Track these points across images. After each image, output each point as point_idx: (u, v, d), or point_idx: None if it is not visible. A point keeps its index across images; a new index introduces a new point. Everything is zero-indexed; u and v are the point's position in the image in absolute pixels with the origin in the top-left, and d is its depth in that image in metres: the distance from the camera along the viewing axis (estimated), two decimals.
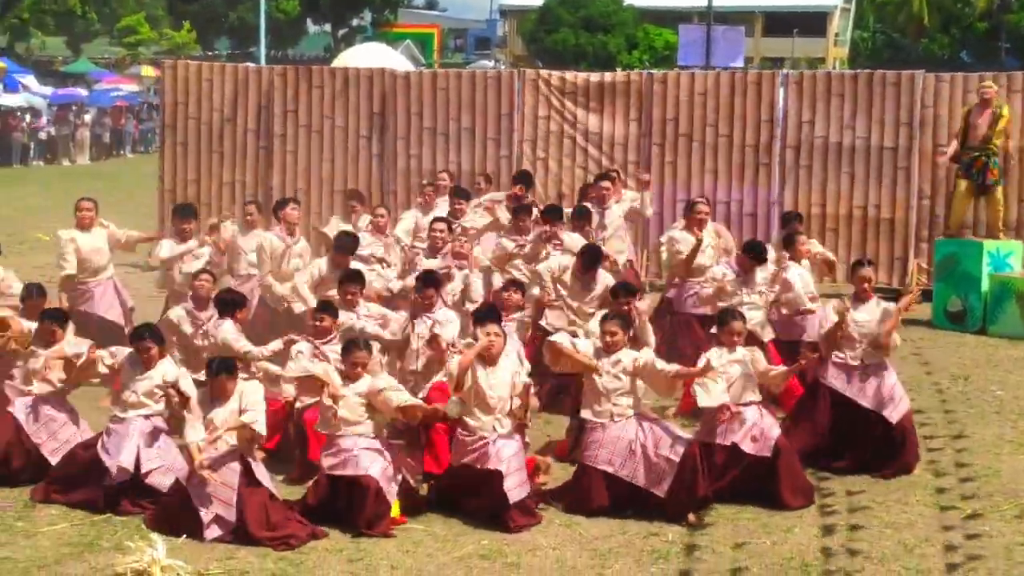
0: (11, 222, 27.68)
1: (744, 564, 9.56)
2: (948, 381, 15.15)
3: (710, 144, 20.96)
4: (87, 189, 17.04)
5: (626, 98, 21.46)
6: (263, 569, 9.31)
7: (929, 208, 20.60)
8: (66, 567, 9.32)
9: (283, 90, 22.45)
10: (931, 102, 20.56)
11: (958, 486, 11.46)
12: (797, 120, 21.00)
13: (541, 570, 9.39)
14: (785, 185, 21.06)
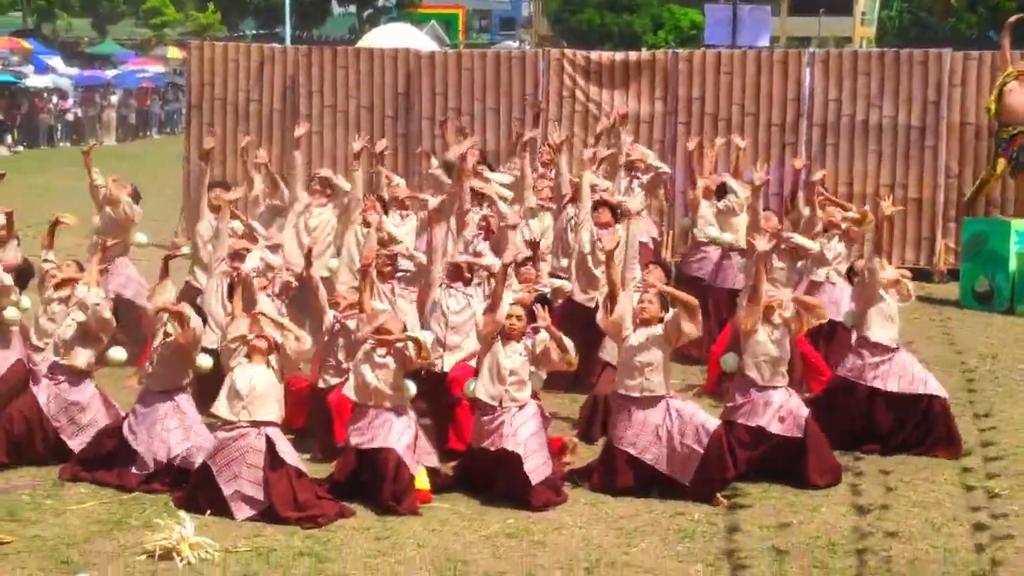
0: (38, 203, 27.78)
1: (772, 543, 9.55)
2: (976, 361, 15.10)
3: (736, 123, 20.86)
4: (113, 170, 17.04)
5: (651, 77, 21.40)
6: (290, 547, 9.34)
7: (956, 187, 20.51)
8: (95, 545, 9.36)
9: (308, 70, 22.45)
10: (958, 80, 20.46)
11: (985, 465, 11.44)
12: (824, 99, 20.91)
13: (567, 548, 9.39)
14: (811, 164, 20.95)
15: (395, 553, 9.27)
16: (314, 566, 8.98)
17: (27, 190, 30.72)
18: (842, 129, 20.84)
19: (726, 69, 21.21)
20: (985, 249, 18.56)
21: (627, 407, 10.68)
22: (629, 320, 10.77)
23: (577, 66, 21.64)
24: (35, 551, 9.23)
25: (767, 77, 21.06)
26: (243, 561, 9.07)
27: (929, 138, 20.53)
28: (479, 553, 9.31)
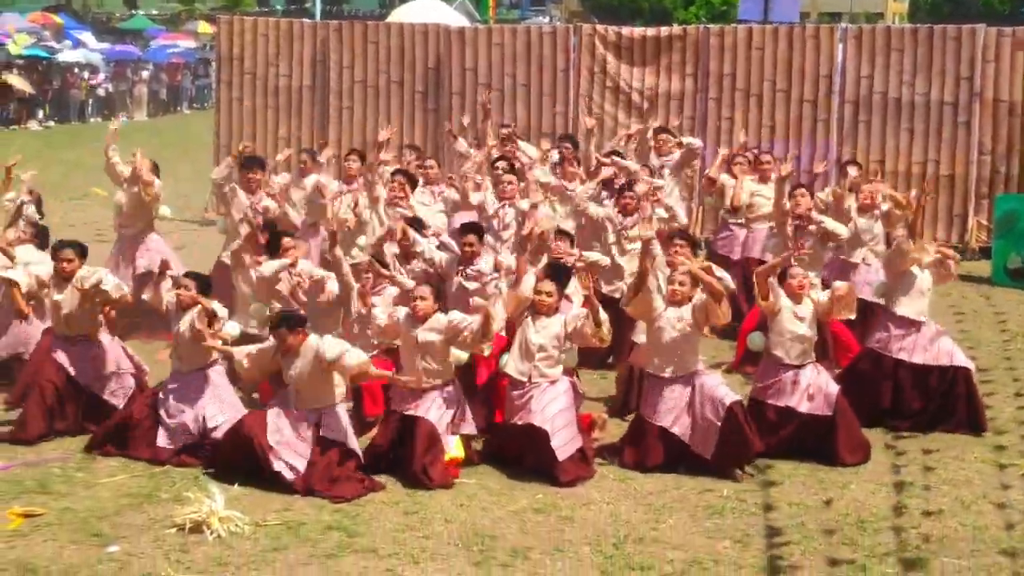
0: (69, 177, 27.91)
1: (800, 520, 9.54)
2: (1008, 338, 15.02)
3: (767, 99, 20.80)
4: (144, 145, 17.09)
5: (682, 53, 21.32)
6: (319, 520, 9.37)
7: (990, 163, 20.40)
8: (126, 518, 9.42)
9: (338, 45, 22.47)
10: (992, 56, 20.33)
11: (1018, 443, 11.40)
12: (856, 75, 20.80)
13: (595, 524, 9.41)
14: (843, 141, 20.89)
15: (423, 528, 9.29)
16: (343, 540, 9.02)
17: (58, 165, 30.87)
18: (874, 105, 20.74)
19: (757, 45, 21.13)
20: (1018, 226, 18.49)
21: (659, 386, 10.68)
22: (659, 301, 10.75)
23: (608, 42, 21.59)
24: (66, 524, 9.29)
25: (799, 53, 20.97)
26: (273, 535, 9.11)
27: (962, 114, 20.42)
28: (507, 528, 9.33)
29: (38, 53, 48.72)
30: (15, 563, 8.54)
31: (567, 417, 10.45)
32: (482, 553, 8.84)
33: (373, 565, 8.60)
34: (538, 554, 8.84)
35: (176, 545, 8.89)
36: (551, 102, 21.33)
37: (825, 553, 8.92)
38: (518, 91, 21.44)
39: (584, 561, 8.74)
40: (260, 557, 8.71)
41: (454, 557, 8.78)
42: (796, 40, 21.09)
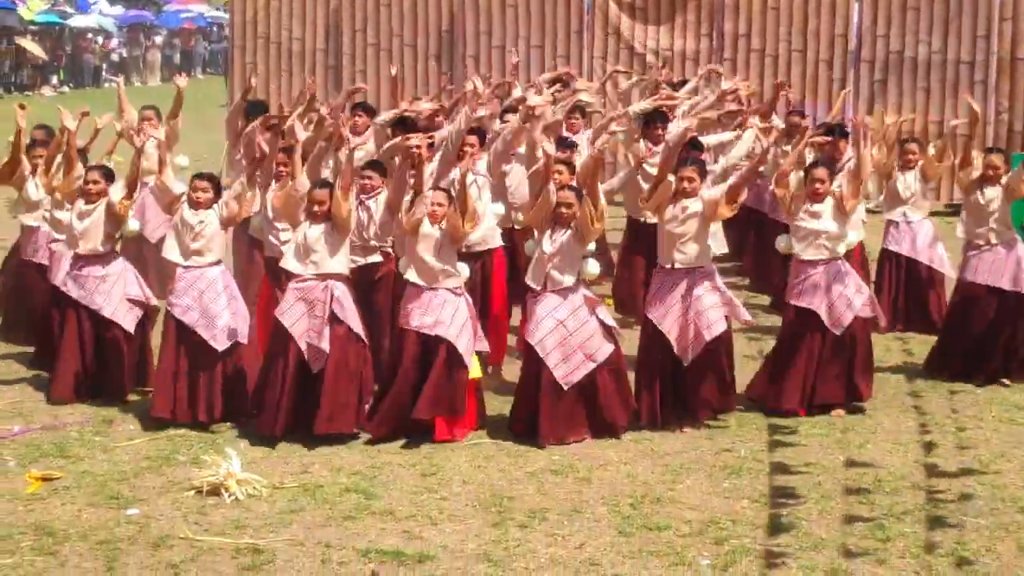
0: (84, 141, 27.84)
1: (817, 480, 9.53)
2: None
3: (783, 59, 20.72)
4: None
5: (697, 13, 21.25)
6: (336, 483, 9.39)
7: (1007, 122, 20.33)
8: (144, 480, 9.44)
9: (351, 9, 22.40)
10: (1009, 14, 20.25)
11: None
12: (872, 35, 20.73)
13: (612, 484, 9.40)
14: (859, 100, 20.80)
15: (441, 489, 9.30)
16: (360, 502, 9.03)
17: None
18: (890, 65, 20.70)
19: (773, 4, 21.06)
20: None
21: (660, 279, 10.73)
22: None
23: (622, 3, 21.50)
24: (84, 487, 9.31)
25: (815, 13, 20.91)
26: (290, 497, 9.12)
27: (979, 73, 20.35)
28: (524, 489, 9.33)
29: (52, 19, 48.70)
30: (34, 526, 8.57)
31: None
32: (500, 514, 8.84)
33: (391, 527, 8.61)
34: (556, 515, 8.84)
35: (194, 507, 8.91)
36: (565, 63, 21.23)
37: (842, 512, 8.91)
38: (532, 53, 21.35)
39: (601, 521, 8.74)
40: (277, 519, 8.73)
41: (472, 518, 8.79)
42: (812, 0, 20.98)
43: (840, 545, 8.36)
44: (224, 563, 8.04)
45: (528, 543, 8.37)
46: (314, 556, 8.13)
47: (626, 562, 8.10)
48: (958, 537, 8.48)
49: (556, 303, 10.35)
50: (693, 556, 8.19)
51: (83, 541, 8.34)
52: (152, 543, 8.32)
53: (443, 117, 13.97)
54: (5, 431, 10.51)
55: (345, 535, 8.47)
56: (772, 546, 8.35)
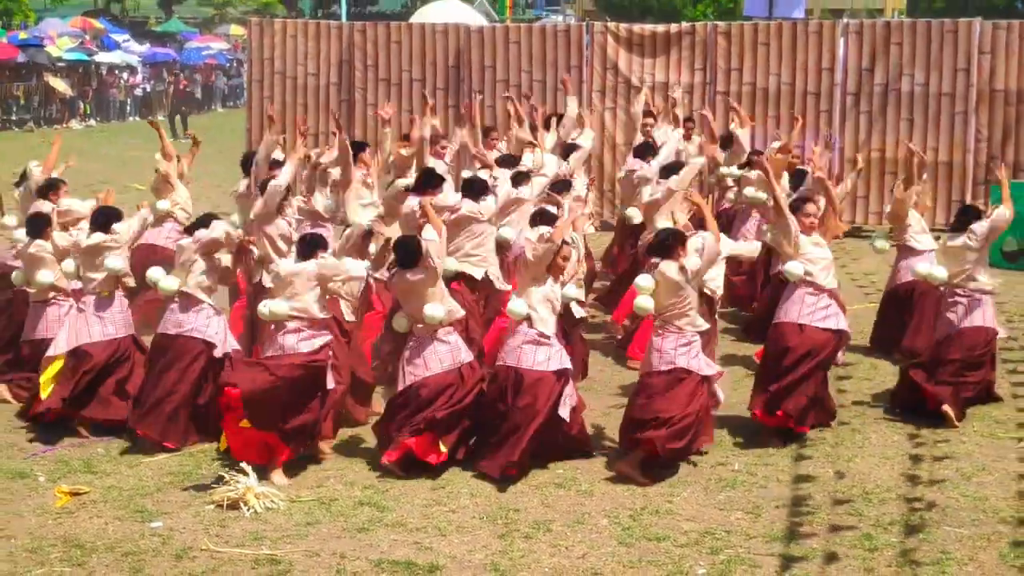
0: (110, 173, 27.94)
1: (808, 491, 9.52)
2: (1006, 318, 14.96)
3: (772, 92, 20.78)
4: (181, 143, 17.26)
5: (691, 49, 21.31)
6: (350, 496, 9.39)
7: (986, 151, 20.38)
8: (167, 495, 9.45)
9: (363, 45, 22.47)
10: (988, 48, 20.31)
11: (1015, 416, 11.36)
12: (857, 68, 20.79)
13: (613, 497, 9.40)
14: (845, 131, 20.86)
15: (450, 502, 9.30)
16: (373, 515, 9.02)
17: (100, 160, 30.98)
18: (875, 97, 20.75)
19: (763, 40, 21.13)
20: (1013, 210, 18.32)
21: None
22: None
23: (620, 39, 21.58)
24: (111, 501, 9.32)
25: (802, 47, 20.98)
26: (306, 510, 9.12)
27: (959, 104, 20.41)
28: (529, 502, 9.33)
29: (79, 56, 48.82)
30: (63, 539, 8.58)
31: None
32: (506, 526, 8.84)
33: (402, 538, 8.61)
34: (559, 526, 8.84)
35: (215, 520, 8.91)
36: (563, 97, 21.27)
37: (832, 523, 8.90)
38: (534, 87, 21.39)
39: (603, 532, 8.73)
40: (294, 531, 8.73)
41: (479, 530, 8.78)
42: (799, 35, 21.10)
43: (829, 554, 8.35)
44: (244, 573, 8.04)
45: (533, 553, 8.37)
46: (329, 567, 8.13)
47: (626, 571, 8.09)
48: (942, 547, 8.47)
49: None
50: (690, 565, 8.18)
51: (110, 552, 8.34)
52: (175, 554, 8.32)
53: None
54: (36, 449, 10.51)
55: (359, 546, 8.46)
56: (765, 555, 8.34)
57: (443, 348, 9.99)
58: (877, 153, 20.71)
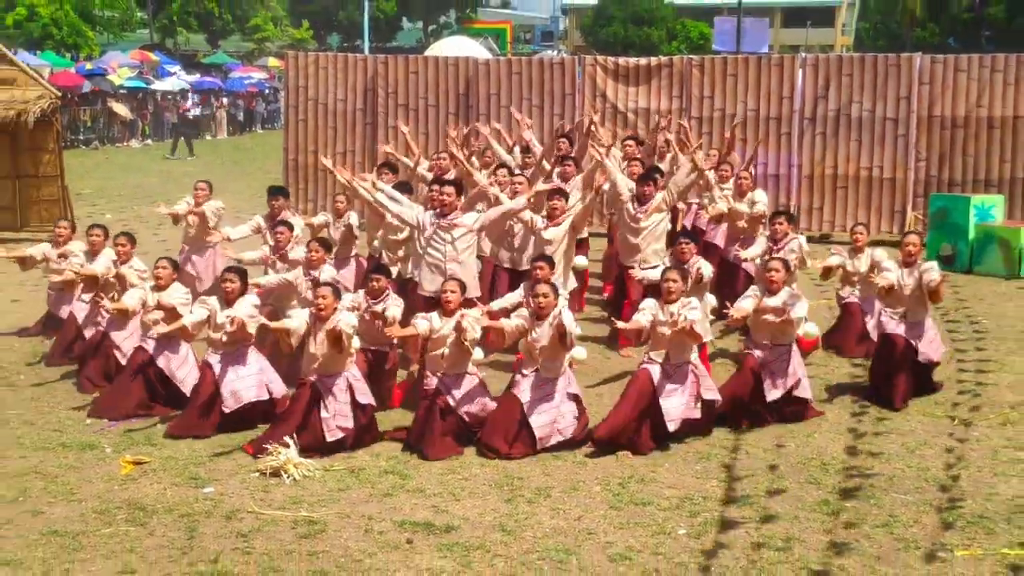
0: (163, 187, 27.96)
1: (774, 462, 9.50)
2: (941, 314, 14.94)
3: (739, 116, 20.74)
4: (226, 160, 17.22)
5: (669, 79, 21.30)
6: (377, 466, 9.37)
7: (925, 169, 20.39)
8: (218, 464, 9.43)
9: (385, 75, 22.43)
10: (927, 79, 20.30)
11: (952, 398, 11.34)
12: (813, 96, 20.77)
13: (604, 467, 9.38)
14: (802, 150, 20.85)
15: (463, 471, 9.28)
16: (397, 482, 9.01)
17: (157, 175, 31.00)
18: (828, 121, 20.73)
19: (731, 72, 21.11)
20: (948, 221, 18.43)
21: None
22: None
23: (607, 70, 21.55)
24: (169, 469, 9.30)
25: (766, 78, 20.95)
26: (338, 478, 9.10)
27: (901, 128, 20.42)
28: (531, 471, 9.31)
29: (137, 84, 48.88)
30: (127, 502, 8.56)
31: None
32: (511, 492, 8.81)
33: (422, 502, 8.59)
34: (558, 492, 8.81)
35: (259, 487, 8.90)
36: (560, 120, 21.27)
37: (794, 490, 8.88)
38: (533, 112, 21.36)
39: (596, 498, 8.71)
40: (328, 496, 8.71)
41: (488, 495, 8.76)
42: (763, 68, 21.08)
43: (793, 518, 8.33)
44: (284, 532, 8.02)
45: (535, 515, 8.34)
46: (359, 527, 8.11)
47: (617, 531, 8.07)
48: (890, 511, 8.45)
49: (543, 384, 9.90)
50: (672, 526, 8.15)
51: (168, 514, 8.33)
52: (225, 516, 8.30)
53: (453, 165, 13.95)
54: (104, 424, 10.49)
55: (384, 509, 8.44)
56: (737, 518, 8.32)
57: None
58: (830, 169, 20.70)
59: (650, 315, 9.99)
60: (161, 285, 11.05)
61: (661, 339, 9.97)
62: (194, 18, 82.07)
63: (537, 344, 9.83)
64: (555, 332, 9.70)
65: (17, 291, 16.32)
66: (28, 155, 20.79)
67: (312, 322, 9.86)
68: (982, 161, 20.17)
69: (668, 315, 9.88)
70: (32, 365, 12.55)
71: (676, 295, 10.04)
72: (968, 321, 14.73)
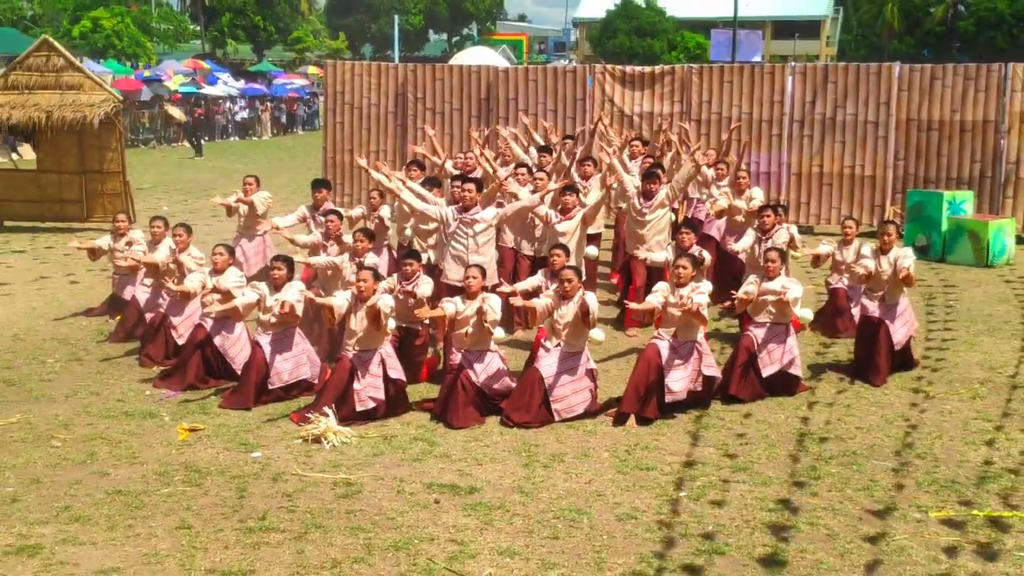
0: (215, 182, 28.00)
1: (767, 432, 9.48)
2: (916, 298, 14.87)
3: (735, 119, 20.63)
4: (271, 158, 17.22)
5: (671, 85, 21.20)
6: (407, 434, 9.38)
7: (903, 167, 20.28)
8: (265, 431, 9.45)
9: (414, 82, 22.41)
10: (905, 87, 20.17)
11: (927, 375, 11.29)
12: (801, 101, 20.65)
13: (612, 436, 9.37)
14: (792, 151, 20.75)
15: (484, 439, 9.28)
16: (425, 448, 9.01)
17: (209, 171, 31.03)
18: (815, 123, 20.62)
19: (728, 79, 21.00)
20: (923, 214, 18.34)
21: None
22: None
23: (615, 77, 21.47)
24: (221, 436, 9.33)
25: (759, 85, 20.84)
26: (373, 444, 9.12)
27: (881, 130, 20.28)
28: (546, 439, 9.30)
29: (190, 89, 48.95)
30: (184, 465, 8.60)
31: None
32: (528, 457, 8.82)
33: (448, 466, 8.60)
34: (570, 458, 8.81)
35: (302, 452, 8.92)
36: (572, 123, 21.24)
37: (785, 456, 8.86)
38: (547, 115, 21.32)
39: (604, 463, 8.70)
40: (364, 460, 8.72)
41: (508, 460, 8.77)
42: (756, 75, 20.96)
43: (783, 481, 8.31)
44: (324, 493, 8.04)
45: (550, 479, 8.35)
46: (391, 488, 8.12)
47: (624, 493, 8.06)
48: (871, 476, 8.43)
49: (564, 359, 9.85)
50: (673, 489, 8.15)
51: (220, 476, 8.36)
52: (271, 477, 8.32)
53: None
54: (163, 395, 10.54)
55: (414, 472, 8.46)
56: (732, 481, 8.31)
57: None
58: (817, 168, 20.59)
59: (661, 297, 10.02)
60: (218, 270, 11.10)
61: (671, 319, 9.97)
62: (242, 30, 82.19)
63: (562, 321, 9.86)
64: (579, 311, 9.72)
65: (82, 275, 16.39)
66: (93, 153, 20.85)
67: (353, 302, 9.92)
68: (955, 160, 20.03)
69: (678, 297, 9.89)
70: (99, 342, 12.60)
71: (686, 280, 10.02)
72: (942, 305, 14.66)
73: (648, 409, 9.75)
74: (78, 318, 13.73)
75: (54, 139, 20.69)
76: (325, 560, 6.90)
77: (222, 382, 10.80)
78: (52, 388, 10.73)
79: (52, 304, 14.51)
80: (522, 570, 6.79)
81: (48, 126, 20.05)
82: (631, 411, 9.67)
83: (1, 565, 6.81)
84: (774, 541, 7.25)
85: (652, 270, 12.35)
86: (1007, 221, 18.22)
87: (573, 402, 9.79)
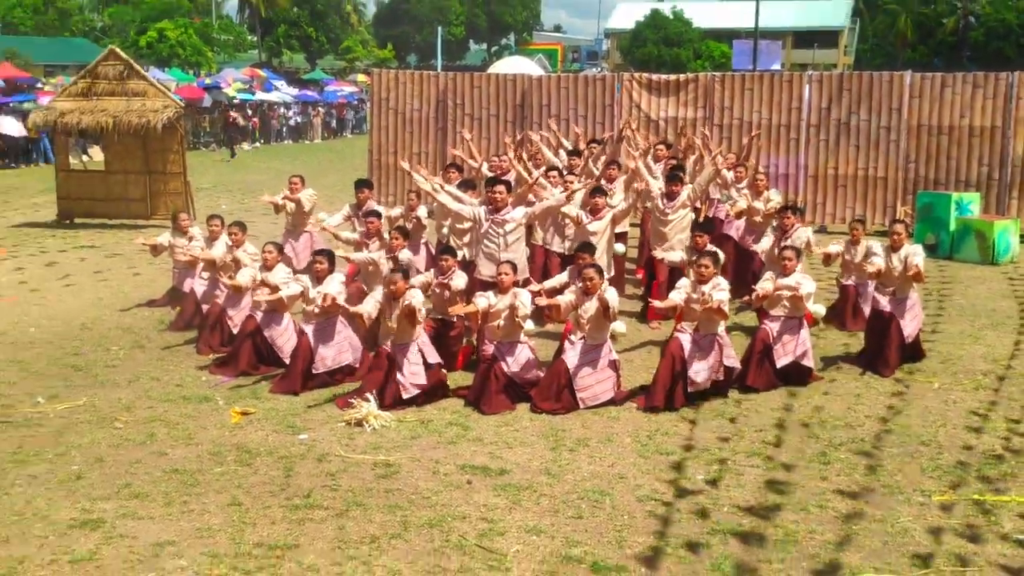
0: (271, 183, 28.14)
1: (781, 420, 9.41)
2: (924, 294, 14.73)
3: (755, 124, 20.52)
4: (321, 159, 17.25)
5: (696, 92, 21.08)
6: (442, 419, 9.39)
7: (914, 169, 20.07)
8: (311, 414, 9.50)
9: (454, 89, 22.41)
10: (916, 94, 19.96)
11: (932, 367, 11.17)
12: (818, 107, 20.48)
13: (634, 422, 9.33)
14: (808, 154, 20.58)
15: (515, 424, 9.28)
16: (459, 432, 9.02)
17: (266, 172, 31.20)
18: (831, 128, 20.43)
19: (748, 86, 20.85)
20: (933, 214, 18.16)
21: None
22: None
23: (642, 84, 21.37)
24: (270, 419, 9.38)
25: (778, 92, 20.67)
26: (410, 427, 9.14)
27: (893, 135, 20.09)
28: (572, 424, 9.29)
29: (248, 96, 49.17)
30: (236, 446, 8.65)
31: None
32: (556, 441, 8.81)
33: (480, 449, 8.60)
34: (595, 442, 8.80)
35: (345, 434, 8.95)
36: (602, 128, 21.16)
37: (796, 444, 8.80)
38: (578, 120, 21.26)
39: (627, 448, 8.68)
40: (402, 443, 8.74)
41: (536, 444, 8.76)
42: (776, 83, 20.79)
43: (794, 466, 8.26)
44: (365, 473, 8.06)
45: (575, 462, 8.33)
46: (427, 469, 8.14)
47: (644, 476, 8.04)
48: (878, 461, 8.36)
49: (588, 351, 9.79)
50: (691, 472, 8.12)
51: (269, 456, 8.41)
52: (317, 458, 8.36)
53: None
54: (218, 381, 10.61)
55: (449, 454, 8.47)
56: (746, 466, 8.26)
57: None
58: (832, 170, 20.42)
59: (684, 293, 9.98)
60: (268, 266, 11.17)
61: (693, 314, 9.93)
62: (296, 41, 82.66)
63: (585, 315, 9.83)
64: (600, 306, 9.69)
65: (144, 268, 16.53)
66: (157, 155, 21.03)
67: (385, 302, 9.93)
68: (963, 164, 19.81)
69: (700, 294, 9.85)
70: (160, 332, 12.71)
71: (708, 277, 9.97)
72: (948, 300, 14.50)
73: (676, 400, 9.72)
74: (141, 309, 13.86)
75: (121, 142, 20.90)
76: (364, 536, 6.93)
77: (272, 369, 10.87)
78: (116, 373, 10.83)
79: (117, 295, 14.65)
80: (548, 547, 6.79)
81: (115, 130, 20.26)
82: (660, 405, 9.62)
83: (66, 537, 6.90)
84: (785, 522, 7.20)
85: (674, 267, 12.31)
86: (1012, 221, 18.04)
87: (598, 391, 9.77)
